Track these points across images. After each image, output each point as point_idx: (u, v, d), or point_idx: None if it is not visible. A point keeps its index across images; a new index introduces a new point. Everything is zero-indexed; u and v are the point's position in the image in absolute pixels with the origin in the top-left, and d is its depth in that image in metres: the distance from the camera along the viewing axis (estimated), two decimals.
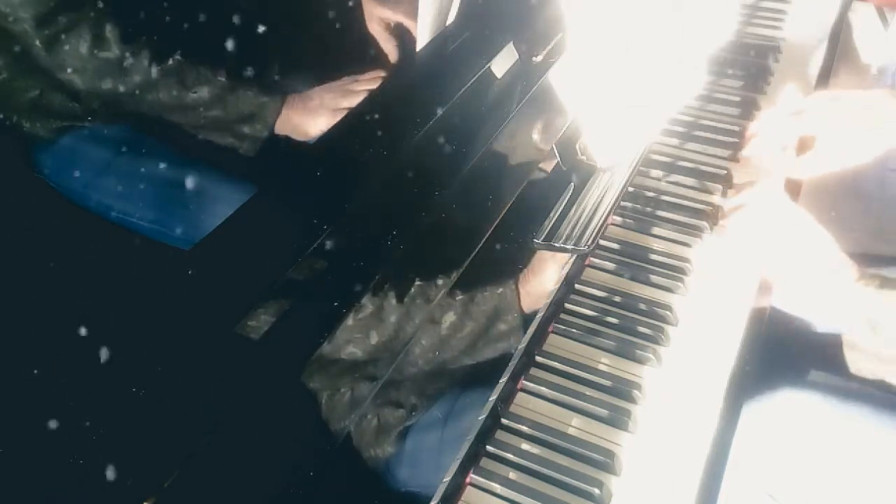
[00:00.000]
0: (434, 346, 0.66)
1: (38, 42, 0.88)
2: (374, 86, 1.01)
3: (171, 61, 0.91)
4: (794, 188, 0.95)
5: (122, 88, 0.92)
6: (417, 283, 0.66)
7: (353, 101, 0.99)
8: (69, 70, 0.91)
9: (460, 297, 0.68)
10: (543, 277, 0.78)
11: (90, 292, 0.64)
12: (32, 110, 0.98)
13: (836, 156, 0.91)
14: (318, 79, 1.02)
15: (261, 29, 0.93)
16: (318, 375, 0.57)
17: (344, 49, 1.08)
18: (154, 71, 0.90)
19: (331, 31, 1.07)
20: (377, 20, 1.06)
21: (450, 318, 0.67)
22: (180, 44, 0.92)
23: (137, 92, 0.93)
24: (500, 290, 0.72)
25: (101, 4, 0.88)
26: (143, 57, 0.90)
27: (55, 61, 0.91)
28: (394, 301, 0.63)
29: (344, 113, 0.98)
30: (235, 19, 0.86)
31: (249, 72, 0.96)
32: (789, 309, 1.01)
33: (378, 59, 1.07)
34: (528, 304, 0.75)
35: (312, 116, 0.98)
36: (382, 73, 1.03)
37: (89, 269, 0.76)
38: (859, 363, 0.92)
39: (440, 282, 0.67)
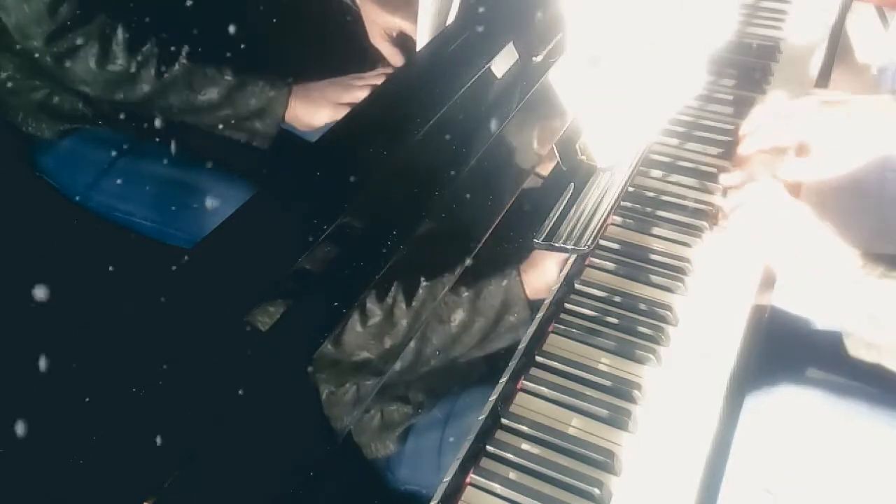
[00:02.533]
0: (446, 345, 0.66)
1: (48, 59, 0.89)
2: (376, 82, 1.01)
3: (177, 66, 0.92)
4: (794, 188, 0.95)
5: (132, 97, 0.93)
6: (420, 282, 0.66)
7: (355, 96, 1.00)
8: (80, 83, 0.92)
9: (466, 293, 0.68)
10: (544, 268, 0.78)
11: (91, 292, 0.64)
12: (38, 111, 0.99)
13: (834, 160, 0.91)
14: (319, 73, 1.02)
15: (263, 26, 0.93)
16: (320, 374, 0.58)
17: (344, 47, 1.08)
18: (162, 79, 0.91)
19: (331, 30, 1.07)
20: (377, 22, 1.07)
21: (459, 315, 0.68)
22: (185, 46, 0.93)
23: (148, 100, 0.93)
24: (505, 282, 0.72)
25: (106, 18, 0.89)
26: (150, 66, 0.91)
27: (66, 76, 0.92)
28: (400, 303, 0.64)
29: (345, 108, 0.99)
30: (238, 18, 0.86)
31: (255, 67, 0.96)
32: (791, 303, 1.01)
33: (379, 57, 1.07)
34: (532, 294, 0.75)
35: (315, 108, 0.99)
36: (385, 71, 1.03)
37: (90, 269, 0.77)
38: (858, 350, 0.93)
39: (443, 280, 0.67)
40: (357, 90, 1.00)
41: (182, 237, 0.98)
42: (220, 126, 0.97)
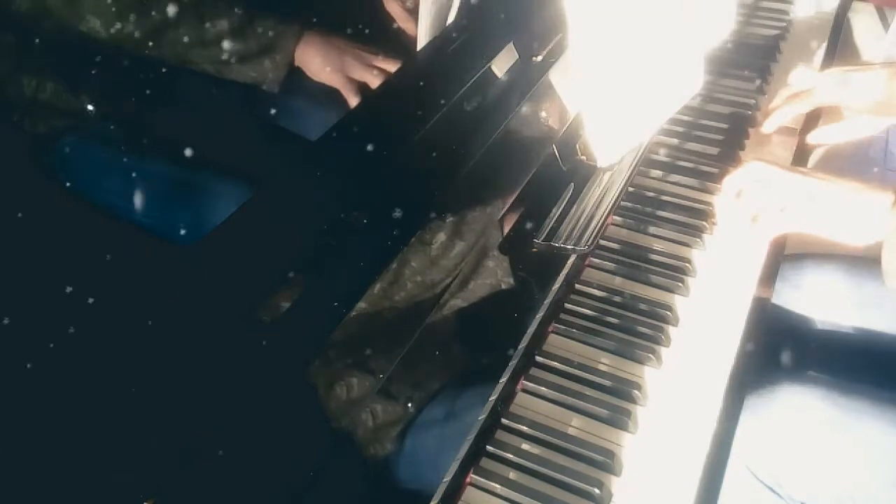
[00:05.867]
0: (424, 266, 0.66)
1: None
2: (389, 68, 1.00)
3: None
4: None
5: (142, 29, 0.92)
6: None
7: (367, 78, 0.99)
8: (89, 16, 0.91)
9: (451, 218, 0.69)
10: None
11: (92, 289, 0.64)
12: (35, 108, 0.99)
13: (845, 129, 0.91)
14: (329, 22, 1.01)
15: None
16: (319, 372, 0.58)
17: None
18: (172, 7, 0.91)
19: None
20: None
21: (440, 238, 0.67)
22: None
23: (158, 31, 0.92)
24: (489, 209, 0.72)
25: None
26: None
27: (75, 10, 0.90)
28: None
29: (353, 87, 0.98)
30: None
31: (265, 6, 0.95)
32: (791, 303, 1.01)
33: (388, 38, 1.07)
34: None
35: (327, 63, 0.98)
36: (394, 64, 1.02)
37: (91, 267, 0.76)
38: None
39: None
40: (372, 76, 0.99)
41: (185, 235, 0.97)
42: (229, 63, 0.96)
